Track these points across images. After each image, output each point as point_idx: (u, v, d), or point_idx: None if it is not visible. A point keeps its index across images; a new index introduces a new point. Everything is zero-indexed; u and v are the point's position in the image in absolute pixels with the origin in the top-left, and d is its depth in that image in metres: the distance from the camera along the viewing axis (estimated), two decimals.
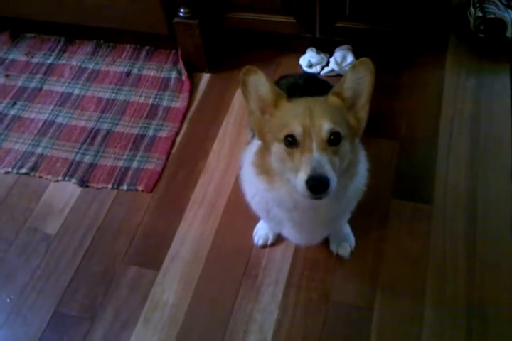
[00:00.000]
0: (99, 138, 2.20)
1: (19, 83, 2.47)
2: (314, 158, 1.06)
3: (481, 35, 2.29)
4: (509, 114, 2.12)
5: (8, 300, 1.78)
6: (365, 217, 1.83)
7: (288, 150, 1.11)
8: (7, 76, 2.50)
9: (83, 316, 1.73)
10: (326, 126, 1.08)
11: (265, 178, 1.23)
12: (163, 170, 2.08)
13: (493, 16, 2.23)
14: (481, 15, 2.25)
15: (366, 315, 1.66)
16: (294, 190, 1.14)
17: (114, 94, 2.37)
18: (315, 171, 1.04)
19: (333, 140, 1.10)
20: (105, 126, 2.24)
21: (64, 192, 2.05)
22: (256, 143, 1.32)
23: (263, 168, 1.23)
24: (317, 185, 1.04)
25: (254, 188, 1.39)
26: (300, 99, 1.21)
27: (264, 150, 1.23)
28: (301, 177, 1.05)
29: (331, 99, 1.20)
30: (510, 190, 1.90)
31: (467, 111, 2.14)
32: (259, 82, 1.18)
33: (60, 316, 1.74)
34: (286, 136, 1.11)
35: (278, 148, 1.14)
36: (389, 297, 1.69)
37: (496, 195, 1.89)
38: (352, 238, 1.80)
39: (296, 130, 1.09)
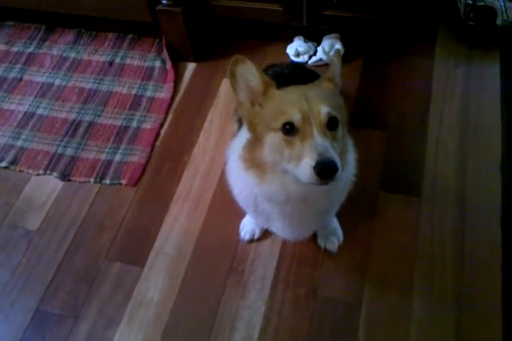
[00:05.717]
0: (81, 130, 2.14)
1: None
2: (318, 142, 1.02)
3: (471, 23, 2.25)
4: (498, 103, 2.09)
5: None
6: (353, 210, 1.80)
7: (286, 139, 1.07)
8: None
9: (66, 314, 1.70)
10: (324, 110, 1.05)
11: (255, 172, 1.18)
12: (147, 163, 2.03)
13: (483, 4, 2.19)
14: (471, 2, 2.21)
15: (354, 310, 1.64)
16: (287, 182, 1.12)
17: (96, 85, 2.30)
18: (322, 156, 1.00)
19: (331, 124, 1.07)
20: (87, 118, 2.18)
21: (45, 187, 2.00)
22: (243, 136, 1.26)
23: (253, 162, 1.18)
24: (326, 169, 1.00)
25: (241, 183, 1.35)
26: (291, 87, 1.17)
27: (254, 143, 1.18)
28: (307, 164, 1.01)
29: (326, 84, 1.18)
30: (499, 181, 1.88)
31: (456, 101, 2.11)
32: (249, 72, 1.14)
33: (43, 314, 1.71)
34: (284, 124, 1.06)
35: (274, 138, 1.10)
36: (377, 291, 1.68)
37: (485, 187, 1.87)
38: (340, 232, 1.77)
39: (295, 117, 1.05)
